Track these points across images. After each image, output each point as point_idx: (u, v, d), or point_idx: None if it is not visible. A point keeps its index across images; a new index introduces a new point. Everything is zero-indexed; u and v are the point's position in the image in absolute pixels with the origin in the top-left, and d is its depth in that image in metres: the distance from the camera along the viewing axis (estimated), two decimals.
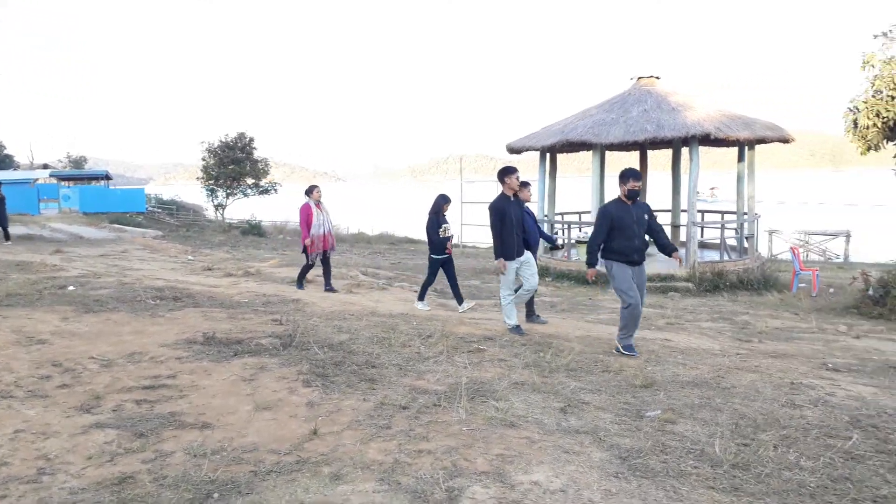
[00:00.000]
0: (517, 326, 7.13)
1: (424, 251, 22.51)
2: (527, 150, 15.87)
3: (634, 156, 18.51)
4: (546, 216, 16.09)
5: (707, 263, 13.73)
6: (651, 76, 15.74)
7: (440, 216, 8.49)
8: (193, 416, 4.17)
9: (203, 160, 35.59)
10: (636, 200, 6.28)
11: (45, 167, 49.31)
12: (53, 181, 38.80)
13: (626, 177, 6.19)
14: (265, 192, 36.63)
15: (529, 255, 7.32)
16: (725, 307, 10.46)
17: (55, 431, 3.88)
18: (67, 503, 3.04)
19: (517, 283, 7.29)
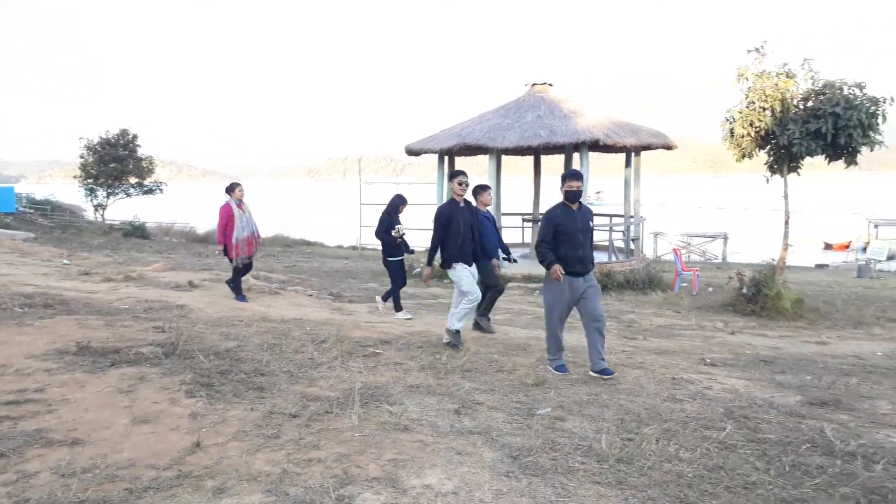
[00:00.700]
0: (458, 333, 6.55)
1: (321, 253, 22.16)
2: (425, 153, 15.95)
3: (529, 160, 19.00)
4: None
5: (596, 264, 14.24)
6: (544, 83, 16.21)
7: (394, 217, 8.32)
8: (63, 433, 3.85)
9: (81, 157, 33.35)
10: (581, 205, 5.73)
11: None
12: None
13: (565, 177, 5.67)
14: (150, 192, 34.69)
15: (485, 264, 6.77)
16: (613, 306, 10.89)
17: None
18: None
19: (476, 285, 6.68)
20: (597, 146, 14.55)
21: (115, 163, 32.91)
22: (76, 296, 8.75)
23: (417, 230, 25.26)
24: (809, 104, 11.18)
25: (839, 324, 9.67)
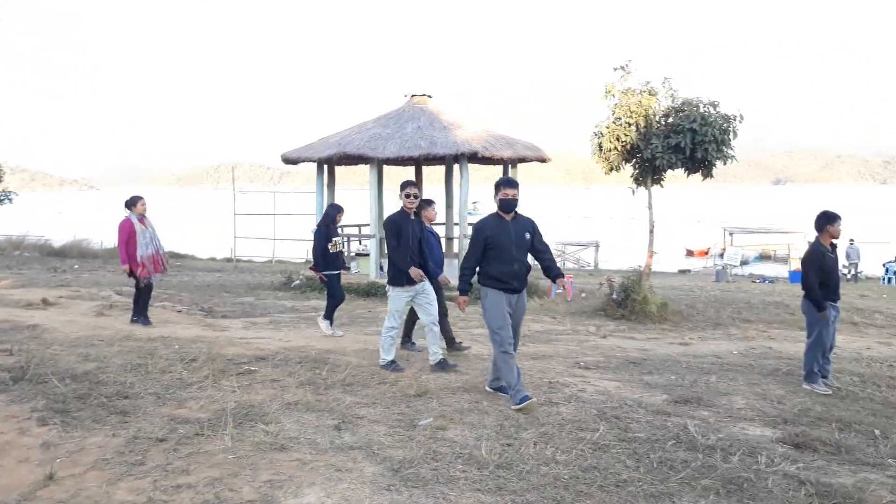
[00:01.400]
0: (393, 362, 6.14)
1: (192, 266, 21.02)
2: (303, 161, 15.59)
3: (411, 170, 19.07)
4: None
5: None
6: (424, 94, 16.34)
7: (331, 228, 7.94)
8: None
9: None
10: (517, 215, 5.29)
11: None
12: None
13: (499, 185, 5.23)
14: None
15: (426, 284, 6.27)
16: None
17: None
18: None
19: (404, 316, 6.45)
20: (475, 158, 14.83)
21: None
22: None
23: (294, 241, 24.75)
24: (670, 120, 11.94)
25: (700, 325, 10.37)
